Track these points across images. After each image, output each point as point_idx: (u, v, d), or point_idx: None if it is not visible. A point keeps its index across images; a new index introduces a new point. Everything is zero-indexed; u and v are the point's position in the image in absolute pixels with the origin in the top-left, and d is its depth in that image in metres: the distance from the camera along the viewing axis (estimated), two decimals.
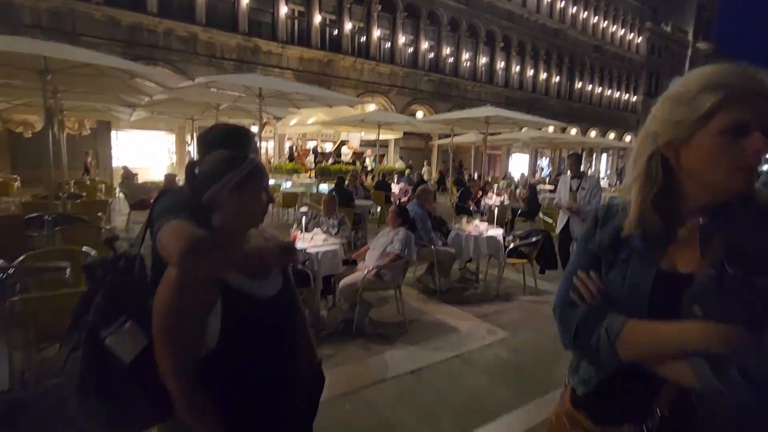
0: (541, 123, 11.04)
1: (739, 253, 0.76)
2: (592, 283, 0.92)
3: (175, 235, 1.02)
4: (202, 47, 14.49)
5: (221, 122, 1.41)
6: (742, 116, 0.75)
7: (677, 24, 36.27)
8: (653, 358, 0.82)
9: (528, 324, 4.07)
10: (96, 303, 1.13)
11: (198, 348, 1.05)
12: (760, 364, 0.71)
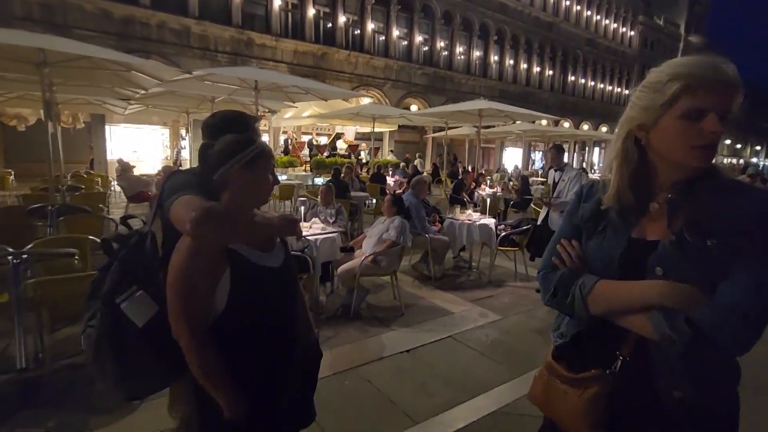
0: (534, 116, 11.22)
1: (698, 222, 0.89)
2: (572, 249, 1.07)
3: (187, 207, 1.13)
4: (195, 40, 14.44)
5: (224, 109, 1.52)
6: (699, 102, 0.88)
7: (670, 17, 36.51)
8: (618, 312, 0.96)
9: (519, 308, 4.24)
10: (111, 273, 1.26)
11: (208, 310, 1.16)
12: (705, 315, 0.84)
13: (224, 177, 1.19)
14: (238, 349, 1.20)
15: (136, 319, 1.22)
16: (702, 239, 0.88)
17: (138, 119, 14.56)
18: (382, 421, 2.38)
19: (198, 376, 1.15)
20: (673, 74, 0.91)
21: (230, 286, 1.15)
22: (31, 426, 2.26)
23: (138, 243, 1.33)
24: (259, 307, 1.22)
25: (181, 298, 1.12)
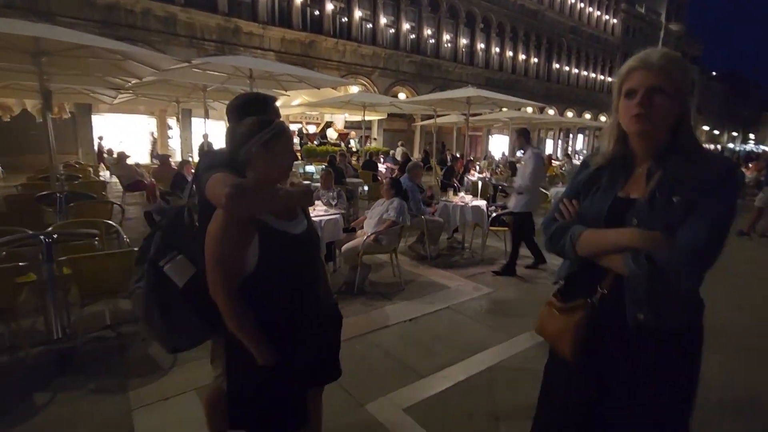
0: (520, 103, 11.50)
1: (666, 183, 1.15)
2: (571, 206, 1.32)
3: (220, 184, 1.31)
4: (181, 28, 14.29)
5: (246, 92, 1.71)
6: (631, 83, 1.16)
7: (651, 6, 37.07)
8: (599, 254, 1.23)
9: (509, 282, 4.56)
10: (154, 240, 1.47)
11: (240, 271, 1.32)
12: (662, 253, 1.10)
13: (247, 155, 1.35)
14: (267, 305, 1.36)
15: (177, 279, 1.42)
16: (668, 196, 1.13)
17: (124, 108, 14.39)
18: (393, 377, 2.66)
19: (232, 328, 1.32)
20: (624, 66, 1.20)
21: (258, 250, 1.32)
22: (72, 389, 2.47)
23: (178, 214, 1.54)
24: (284, 269, 1.39)
25: (217, 260, 1.30)
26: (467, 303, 3.94)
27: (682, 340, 1.20)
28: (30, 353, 2.72)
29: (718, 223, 1.09)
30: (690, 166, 1.14)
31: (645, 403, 1.20)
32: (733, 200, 1.13)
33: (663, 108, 1.13)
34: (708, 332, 1.23)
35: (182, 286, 1.40)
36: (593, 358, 1.24)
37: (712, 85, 51.83)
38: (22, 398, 2.38)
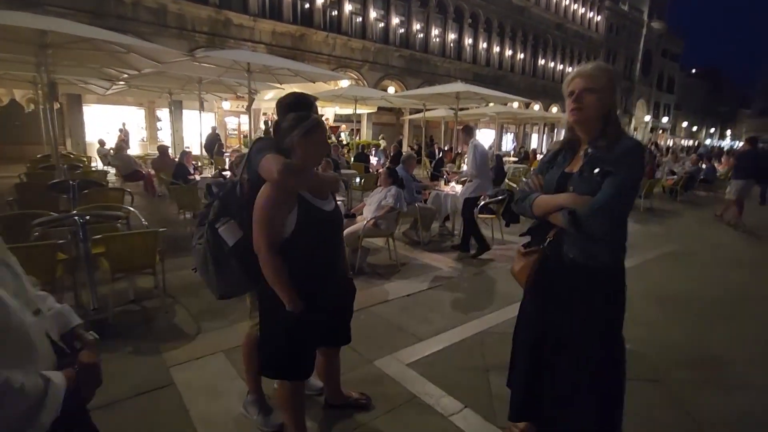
0: (506, 99, 11.90)
1: (590, 161, 1.58)
2: (537, 179, 1.74)
3: (273, 162, 1.65)
4: (172, 19, 14.28)
5: (292, 91, 2.06)
6: (570, 87, 1.61)
7: (634, 3, 37.85)
8: (547, 212, 1.65)
9: (497, 263, 4.96)
10: (213, 207, 1.82)
11: (280, 234, 1.67)
12: (584, 209, 1.51)
13: (290, 143, 1.70)
14: (298, 264, 1.70)
15: (228, 239, 1.78)
16: (591, 170, 1.56)
17: (112, 99, 14.37)
18: (395, 340, 3.02)
19: (268, 277, 1.66)
20: (568, 76, 1.67)
21: (296, 218, 1.67)
22: (111, 351, 2.77)
23: (232, 187, 1.89)
24: (315, 237, 1.73)
25: (262, 221, 1.65)
26: (457, 281, 4.33)
27: (606, 275, 1.62)
28: None
29: (620, 188, 1.49)
30: (611, 147, 1.55)
31: (577, 323, 1.62)
32: (634, 171, 1.54)
33: (591, 104, 1.55)
34: (675, 301, 1.64)
35: (231, 245, 1.74)
36: (544, 289, 1.69)
37: (692, 82, 53.28)
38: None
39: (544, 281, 1.67)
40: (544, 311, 1.71)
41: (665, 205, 10.04)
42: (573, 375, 1.65)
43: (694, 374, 2.75)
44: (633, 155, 1.51)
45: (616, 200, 1.48)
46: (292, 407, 1.87)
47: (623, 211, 1.55)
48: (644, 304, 3.84)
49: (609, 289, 1.61)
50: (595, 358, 1.62)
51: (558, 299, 1.65)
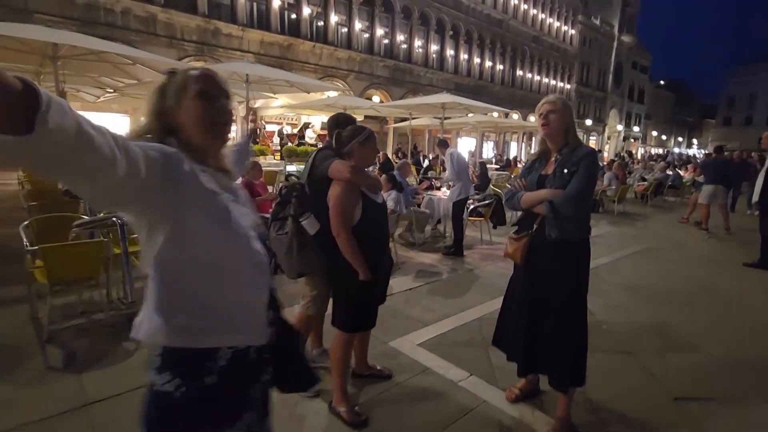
0: (488, 109, 12.56)
1: (561, 164, 2.07)
2: (521, 182, 2.22)
3: (343, 165, 2.11)
4: (161, 28, 14.45)
5: (338, 112, 2.56)
6: (540, 111, 2.12)
7: (605, 18, 39.68)
8: (532, 205, 2.13)
9: (486, 262, 5.43)
10: (293, 204, 2.24)
11: (352, 220, 2.12)
12: (558, 200, 2.01)
13: (350, 150, 2.16)
14: (364, 243, 2.14)
15: (310, 229, 2.22)
16: (562, 171, 2.05)
17: (97, 107, 14.36)
18: (404, 325, 3.43)
19: (348, 256, 2.10)
20: (539, 104, 2.15)
21: (362, 208, 2.13)
22: None
23: (302, 188, 2.33)
24: (373, 221, 2.20)
25: (340, 212, 2.09)
26: (455, 277, 4.78)
27: (577, 247, 2.13)
28: (110, 315, 3.30)
29: (582, 183, 2.01)
30: (573, 153, 2.08)
31: (559, 287, 2.10)
32: (591, 170, 2.04)
33: (555, 120, 2.07)
34: (643, 291, 2.11)
35: (313, 233, 2.17)
36: (531, 263, 2.18)
37: (660, 93, 55.84)
38: (114, 344, 2.98)
39: (534, 257, 2.14)
40: (534, 280, 2.17)
41: (637, 209, 10.79)
42: (556, 329, 2.12)
43: (656, 346, 3.24)
44: (589, 158, 2.04)
45: (581, 190, 2.01)
46: (343, 366, 2.30)
47: (586, 198, 2.08)
48: (618, 293, 4.37)
49: (580, 258, 2.14)
50: (571, 313, 2.12)
51: (545, 269, 2.13)
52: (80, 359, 2.80)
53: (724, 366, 2.99)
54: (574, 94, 36.41)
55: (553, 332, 2.13)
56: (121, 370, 2.68)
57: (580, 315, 2.17)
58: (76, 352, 2.90)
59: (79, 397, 2.38)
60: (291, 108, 13.97)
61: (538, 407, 2.41)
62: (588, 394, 2.51)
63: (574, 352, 2.13)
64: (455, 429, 2.22)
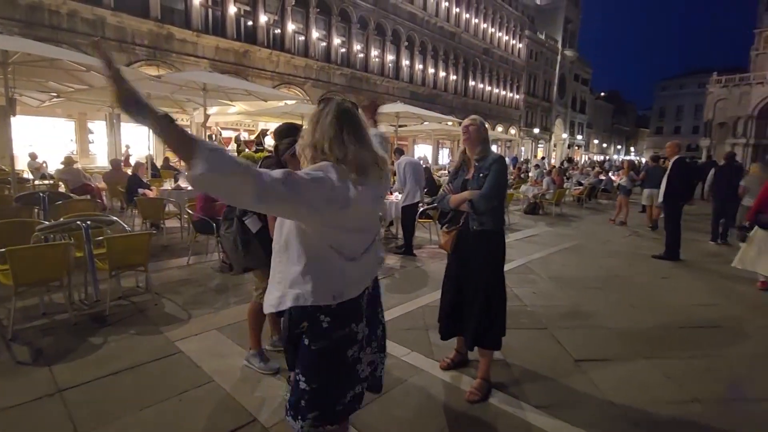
0: (441, 118, 13.29)
1: (478, 169, 2.61)
2: (449, 187, 2.70)
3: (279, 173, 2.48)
4: (111, 31, 14.08)
5: (285, 122, 2.88)
6: (463, 126, 2.66)
7: (549, 33, 42.39)
8: (459, 204, 2.63)
9: (435, 259, 5.95)
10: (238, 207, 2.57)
11: None
12: (475, 198, 2.53)
13: (284, 161, 2.51)
14: None
15: (252, 228, 2.55)
16: (479, 175, 2.58)
17: (40, 111, 13.74)
18: None
19: None
20: (463, 122, 2.63)
21: None
22: (118, 333, 3.29)
23: None
24: None
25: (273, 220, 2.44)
26: (403, 272, 5.25)
27: (494, 236, 2.65)
28: (73, 314, 3.46)
29: (492, 183, 2.53)
30: (486, 160, 2.60)
31: (482, 271, 2.60)
32: (500, 171, 2.55)
33: (474, 132, 2.59)
34: (565, 280, 2.64)
35: (255, 231, 2.50)
36: (459, 250, 2.67)
37: (600, 103, 60.05)
38: (81, 341, 3.16)
39: (462, 246, 2.62)
40: (461, 262, 2.66)
41: (573, 211, 11.82)
42: (483, 304, 2.60)
43: (569, 323, 3.84)
44: (498, 163, 2.58)
45: (491, 189, 2.53)
46: None
47: (497, 195, 2.57)
48: (544, 282, 5.00)
49: (496, 245, 2.65)
50: (493, 290, 2.61)
51: (469, 254, 2.62)
52: (48, 354, 2.96)
53: (620, 336, 3.62)
54: (523, 104, 38.53)
55: (474, 302, 2.62)
56: (90, 362, 2.89)
57: (501, 291, 2.67)
58: (43, 349, 3.06)
59: (52, 385, 2.59)
60: (248, 115, 14.02)
61: (465, 373, 2.88)
62: (507, 360, 3.03)
63: (491, 319, 2.62)
64: (397, 392, 2.64)
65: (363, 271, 1.47)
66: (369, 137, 1.44)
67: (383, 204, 6.62)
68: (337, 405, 1.47)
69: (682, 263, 6.30)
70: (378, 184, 1.46)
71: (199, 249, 5.60)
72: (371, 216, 1.55)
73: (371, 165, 1.40)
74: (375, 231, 1.54)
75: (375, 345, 1.61)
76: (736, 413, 2.61)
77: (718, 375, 3.05)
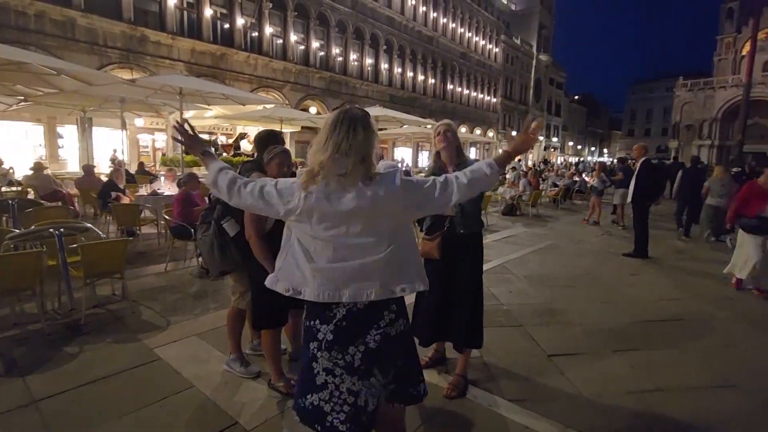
0: (419, 121, 13.45)
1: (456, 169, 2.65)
2: None
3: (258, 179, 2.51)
4: (81, 33, 13.73)
5: (265, 129, 2.91)
6: (438, 130, 2.74)
7: (525, 38, 43.37)
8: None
9: None
10: (217, 209, 2.59)
11: (264, 227, 2.48)
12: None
13: (266, 165, 2.57)
14: (276, 246, 2.45)
15: (230, 231, 2.57)
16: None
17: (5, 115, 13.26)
18: None
19: (258, 257, 2.44)
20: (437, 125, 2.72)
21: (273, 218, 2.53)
22: (94, 342, 3.24)
23: None
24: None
25: (251, 221, 2.44)
26: None
27: (478, 238, 2.74)
28: (47, 324, 3.39)
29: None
30: (464, 163, 2.64)
31: (470, 274, 2.67)
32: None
33: (450, 138, 2.67)
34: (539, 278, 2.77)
35: (232, 235, 2.52)
36: (446, 256, 2.70)
37: (574, 106, 61.69)
38: (55, 350, 3.10)
39: (448, 249, 2.67)
40: (449, 268, 2.69)
41: (549, 212, 12.14)
42: (472, 305, 2.68)
43: (542, 320, 3.99)
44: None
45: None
46: (273, 352, 2.66)
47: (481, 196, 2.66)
48: (520, 282, 5.15)
49: (479, 247, 2.74)
50: (476, 290, 2.70)
51: (456, 258, 2.66)
52: (22, 365, 2.90)
53: (590, 331, 3.78)
54: (500, 107, 39.27)
55: (463, 305, 2.68)
56: (66, 371, 2.85)
57: (479, 292, 2.75)
58: (16, 360, 2.99)
59: (26, 396, 2.54)
60: (225, 119, 13.87)
61: (443, 371, 2.97)
62: (484, 358, 3.13)
63: (479, 319, 2.71)
64: None
65: (327, 280, 1.46)
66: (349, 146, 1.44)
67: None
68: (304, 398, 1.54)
69: (650, 260, 6.58)
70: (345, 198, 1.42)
71: (177, 255, 5.53)
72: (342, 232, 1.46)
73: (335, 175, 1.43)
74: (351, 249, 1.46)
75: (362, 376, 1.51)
76: (695, 400, 2.77)
77: (679, 365, 3.23)
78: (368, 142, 1.48)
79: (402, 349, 1.61)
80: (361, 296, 1.46)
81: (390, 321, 1.54)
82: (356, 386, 1.50)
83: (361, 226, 1.46)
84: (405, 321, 1.61)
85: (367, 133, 1.48)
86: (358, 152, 1.44)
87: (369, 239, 1.46)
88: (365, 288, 1.46)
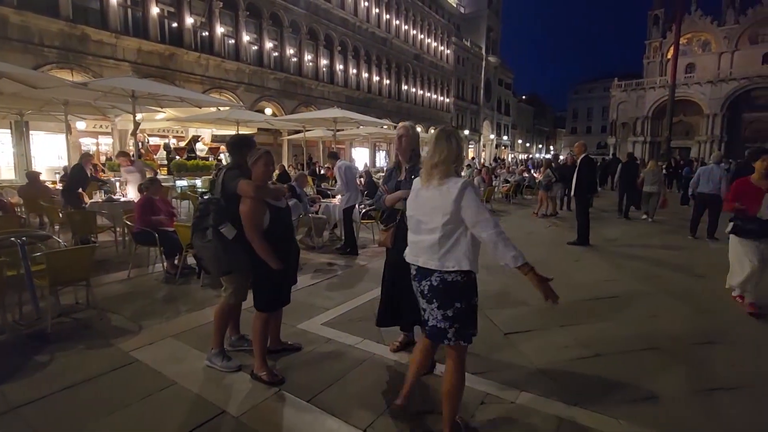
0: (377, 122, 13.74)
1: (408, 172, 2.98)
2: (385, 188, 3.06)
3: (248, 186, 2.68)
4: (15, 31, 12.81)
5: (236, 134, 3.05)
6: (397, 134, 3.08)
7: (474, 40, 44.91)
8: (394, 203, 3.00)
9: (377, 258, 6.30)
10: (212, 215, 2.73)
11: (262, 226, 2.70)
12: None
13: (251, 166, 2.75)
14: (274, 241, 2.72)
15: (228, 235, 2.73)
16: (410, 177, 2.93)
17: None
18: (309, 312, 4.06)
19: (261, 253, 2.66)
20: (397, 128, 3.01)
21: (269, 215, 2.72)
22: (66, 350, 3.23)
23: (218, 201, 2.81)
24: (281, 222, 2.81)
25: (252, 224, 2.65)
26: (349, 272, 5.54)
27: None
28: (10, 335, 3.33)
29: None
30: (417, 164, 2.95)
31: None
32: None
33: (405, 142, 2.98)
34: (491, 269, 2.99)
35: (231, 238, 2.67)
36: (399, 244, 2.98)
37: (522, 106, 64.61)
38: (25, 359, 3.08)
39: (399, 239, 2.96)
40: (399, 256, 2.99)
41: (501, 207, 12.85)
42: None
43: (498, 303, 4.38)
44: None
45: None
46: (262, 339, 2.84)
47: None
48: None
49: None
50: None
51: (405, 247, 2.96)
52: None
53: (540, 311, 4.22)
54: (453, 107, 40.47)
55: (409, 292, 2.96)
56: (40, 378, 2.85)
57: None
58: None
59: (4, 404, 2.55)
60: (178, 121, 13.46)
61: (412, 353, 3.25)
62: None
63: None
64: (352, 374, 2.94)
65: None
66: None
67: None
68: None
69: (591, 247, 7.25)
70: None
71: (140, 261, 5.46)
72: None
73: None
74: None
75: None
76: (626, 362, 3.24)
77: (613, 334, 3.72)
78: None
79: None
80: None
81: None
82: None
83: None
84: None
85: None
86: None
87: None
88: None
